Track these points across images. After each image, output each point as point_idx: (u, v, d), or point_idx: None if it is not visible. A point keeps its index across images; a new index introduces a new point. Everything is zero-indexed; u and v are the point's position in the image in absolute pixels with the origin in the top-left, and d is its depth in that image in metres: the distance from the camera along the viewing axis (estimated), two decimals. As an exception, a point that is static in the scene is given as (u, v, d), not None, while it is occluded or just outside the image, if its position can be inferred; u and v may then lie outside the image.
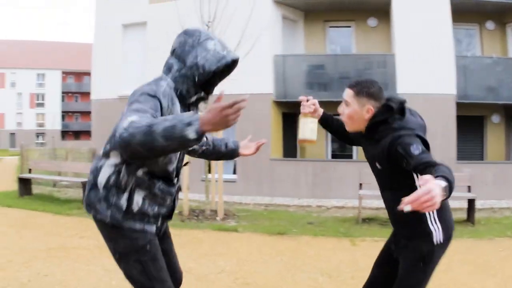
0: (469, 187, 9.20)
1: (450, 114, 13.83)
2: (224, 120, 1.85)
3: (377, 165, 2.55)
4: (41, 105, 67.82)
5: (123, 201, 2.36)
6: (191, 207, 10.33)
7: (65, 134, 69.35)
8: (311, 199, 13.35)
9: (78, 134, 69.41)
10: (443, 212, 2.52)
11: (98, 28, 17.37)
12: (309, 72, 14.80)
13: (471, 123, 15.34)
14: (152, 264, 2.41)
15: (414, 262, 2.51)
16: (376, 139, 2.51)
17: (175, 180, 2.57)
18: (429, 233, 2.48)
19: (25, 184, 12.17)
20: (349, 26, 16.07)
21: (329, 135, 15.67)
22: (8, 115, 66.23)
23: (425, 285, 2.56)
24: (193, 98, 2.41)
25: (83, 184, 10.65)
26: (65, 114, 70.39)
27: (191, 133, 1.84)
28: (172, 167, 2.48)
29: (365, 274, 2.98)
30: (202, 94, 2.42)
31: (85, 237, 7.14)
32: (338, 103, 2.64)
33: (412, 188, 2.28)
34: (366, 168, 3.11)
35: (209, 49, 2.35)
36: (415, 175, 2.44)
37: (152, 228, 2.47)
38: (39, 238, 7.12)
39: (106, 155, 2.40)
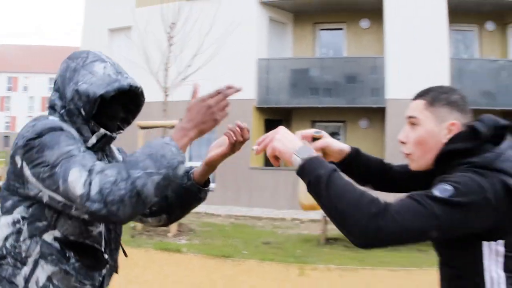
0: None
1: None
2: (209, 117, 1.50)
3: None
4: (52, 109, 69.75)
5: (20, 278, 1.56)
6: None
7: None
8: (290, 210, 12.56)
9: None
10: None
11: (85, 32, 17.16)
12: (295, 77, 13.96)
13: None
14: None
15: None
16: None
17: (106, 254, 1.72)
18: None
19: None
20: (341, 28, 15.21)
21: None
22: (20, 118, 67.23)
23: None
24: (93, 140, 1.68)
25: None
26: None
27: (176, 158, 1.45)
28: (97, 229, 1.65)
29: None
30: (102, 131, 1.69)
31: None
32: (326, 109, 1.77)
33: (479, 271, 1.42)
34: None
35: (96, 72, 1.66)
36: (485, 251, 1.42)
37: None
38: None
39: (8, 211, 1.59)
